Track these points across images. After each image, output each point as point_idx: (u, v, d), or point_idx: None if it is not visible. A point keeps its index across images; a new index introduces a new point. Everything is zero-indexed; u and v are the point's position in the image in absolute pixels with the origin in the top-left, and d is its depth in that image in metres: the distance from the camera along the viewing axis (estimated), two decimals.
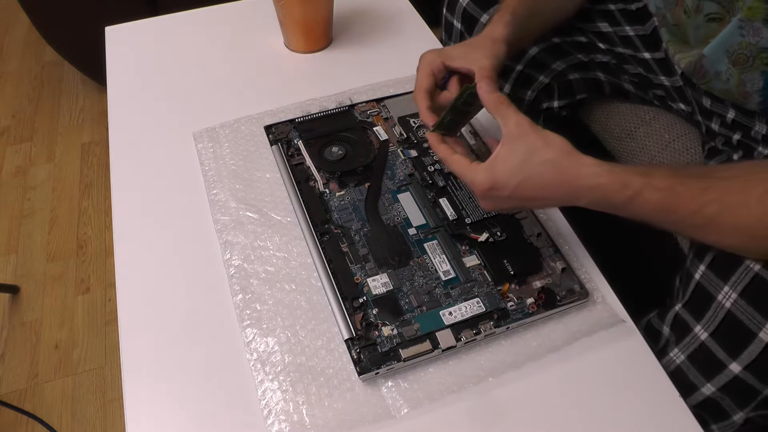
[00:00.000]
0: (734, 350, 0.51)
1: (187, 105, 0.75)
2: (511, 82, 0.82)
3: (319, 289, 0.56)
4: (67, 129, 1.69)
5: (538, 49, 0.79)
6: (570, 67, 0.79)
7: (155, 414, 0.49)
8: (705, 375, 0.53)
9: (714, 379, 0.53)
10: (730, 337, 0.51)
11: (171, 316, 0.55)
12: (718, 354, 0.52)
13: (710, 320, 0.52)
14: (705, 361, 0.53)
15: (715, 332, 0.52)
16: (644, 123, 0.80)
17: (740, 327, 0.50)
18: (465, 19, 0.82)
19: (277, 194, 0.64)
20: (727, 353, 0.51)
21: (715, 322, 0.52)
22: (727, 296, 0.51)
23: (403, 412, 0.49)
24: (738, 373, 0.51)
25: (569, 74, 0.79)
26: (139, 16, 0.88)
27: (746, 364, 0.50)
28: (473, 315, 0.53)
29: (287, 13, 0.79)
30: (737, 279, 0.50)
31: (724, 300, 0.51)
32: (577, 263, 0.58)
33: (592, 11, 0.76)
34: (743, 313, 0.50)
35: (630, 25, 0.74)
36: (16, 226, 1.46)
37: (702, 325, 0.53)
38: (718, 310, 0.51)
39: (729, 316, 0.51)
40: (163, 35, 0.86)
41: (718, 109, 0.66)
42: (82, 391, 1.17)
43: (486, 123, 0.72)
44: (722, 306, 0.51)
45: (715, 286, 0.52)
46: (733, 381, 0.51)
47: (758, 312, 0.49)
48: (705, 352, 0.53)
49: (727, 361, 0.51)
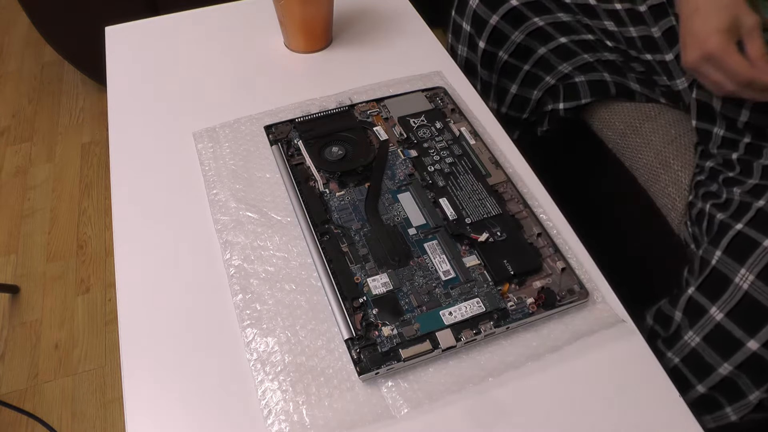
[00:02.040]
0: (752, 329, 0.51)
1: (187, 105, 0.75)
2: (518, 82, 0.83)
3: (319, 289, 0.56)
4: (67, 129, 1.70)
5: (545, 50, 0.79)
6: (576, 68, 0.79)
7: (155, 414, 0.49)
8: (721, 354, 0.53)
9: (731, 357, 0.53)
10: (747, 316, 0.52)
11: (171, 316, 0.55)
12: (734, 333, 0.52)
13: (726, 301, 0.52)
14: (721, 340, 0.53)
15: (732, 312, 0.52)
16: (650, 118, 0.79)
17: (758, 306, 0.50)
18: (475, 21, 0.82)
19: (277, 194, 0.64)
20: (745, 332, 0.52)
21: (732, 303, 0.52)
22: (744, 278, 0.51)
23: (403, 412, 0.49)
24: (756, 350, 0.51)
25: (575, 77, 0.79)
26: (139, 16, 0.88)
27: (764, 341, 0.51)
28: (473, 315, 0.53)
29: (287, 13, 0.79)
30: (754, 261, 0.51)
31: (741, 282, 0.51)
32: (577, 263, 0.58)
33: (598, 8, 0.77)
34: (761, 294, 0.50)
35: (634, 26, 0.74)
36: (16, 226, 1.46)
37: (717, 306, 0.53)
38: (735, 291, 0.52)
39: (746, 297, 0.51)
40: (163, 35, 0.86)
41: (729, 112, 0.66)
42: (82, 391, 1.17)
43: (485, 122, 0.72)
44: (739, 288, 0.51)
45: (731, 268, 0.52)
46: (750, 358, 0.52)
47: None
48: (721, 331, 0.53)
49: (744, 339, 0.52)
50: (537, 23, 0.78)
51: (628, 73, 0.78)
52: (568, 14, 0.78)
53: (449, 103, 0.73)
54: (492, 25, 0.80)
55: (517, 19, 0.79)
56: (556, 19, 0.78)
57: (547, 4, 0.78)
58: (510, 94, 0.83)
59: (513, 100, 0.84)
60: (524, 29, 0.79)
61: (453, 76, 0.78)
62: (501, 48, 0.81)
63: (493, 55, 0.82)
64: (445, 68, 0.79)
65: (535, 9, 0.78)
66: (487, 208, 0.61)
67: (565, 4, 0.78)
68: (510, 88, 0.83)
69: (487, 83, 0.77)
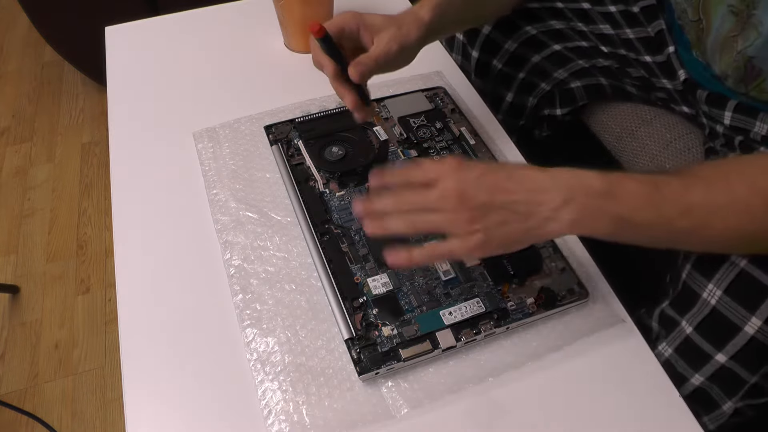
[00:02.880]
0: (719, 342, 0.52)
1: (187, 105, 0.75)
2: (514, 90, 0.83)
3: (319, 289, 0.56)
4: (67, 129, 1.70)
5: (539, 57, 0.79)
6: (571, 74, 0.79)
7: (155, 414, 0.49)
8: (692, 366, 0.54)
9: (701, 369, 0.54)
10: (714, 330, 0.52)
11: (171, 316, 0.55)
12: (703, 346, 0.53)
13: (694, 315, 0.53)
14: (691, 353, 0.54)
15: (700, 326, 0.53)
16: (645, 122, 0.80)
17: (725, 322, 0.51)
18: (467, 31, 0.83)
19: (277, 194, 0.64)
20: (713, 345, 0.52)
21: (699, 317, 0.53)
22: (712, 294, 0.52)
23: (403, 412, 0.49)
24: (724, 363, 0.52)
25: (571, 82, 0.79)
26: (139, 16, 0.88)
27: (732, 355, 0.51)
28: (473, 315, 0.53)
29: (287, 13, 0.79)
30: (721, 276, 0.51)
31: (709, 297, 0.52)
32: (577, 263, 0.58)
33: (593, 12, 0.76)
34: (728, 309, 0.51)
35: (630, 27, 0.74)
36: (16, 226, 1.46)
37: (687, 320, 0.54)
38: (703, 306, 0.52)
39: (714, 312, 0.52)
40: (163, 35, 0.86)
41: (716, 115, 0.66)
42: (82, 391, 1.17)
43: (485, 122, 0.72)
44: (707, 303, 0.52)
45: (699, 284, 0.53)
46: (720, 370, 0.53)
47: (742, 307, 0.50)
48: (691, 344, 0.54)
49: (712, 352, 0.52)
50: (529, 32, 0.79)
51: (624, 79, 0.79)
52: (561, 22, 0.79)
53: (449, 103, 0.73)
54: (485, 35, 0.81)
55: (509, 28, 0.79)
56: (549, 27, 0.79)
57: (539, 12, 0.79)
58: (506, 102, 0.84)
59: (509, 107, 0.84)
60: (516, 38, 0.79)
61: (453, 76, 0.78)
62: (495, 57, 0.81)
63: (486, 64, 0.82)
64: (445, 68, 0.79)
65: (527, 18, 0.79)
66: None
67: (558, 11, 0.79)
68: (506, 96, 0.83)
69: (481, 91, 0.78)
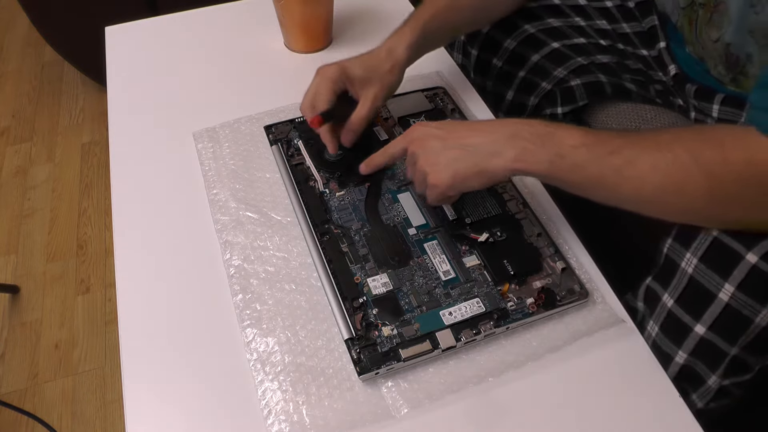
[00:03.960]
0: (697, 312, 0.52)
1: (187, 105, 0.75)
2: (515, 88, 0.83)
3: (319, 289, 0.56)
4: (67, 129, 1.70)
5: (539, 56, 0.79)
6: (571, 72, 0.79)
7: (155, 414, 0.49)
8: (675, 342, 0.55)
9: (683, 344, 0.54)
10: (693, 300, 0.53)
11: (171, 316, 0.55)
12: (683, 318, 0.53)
13: (675, 287, 0.54)
14: (674, 327, 0.54)
15: (680, 298, 0.54)
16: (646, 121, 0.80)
17: (701, 290, 0.52)
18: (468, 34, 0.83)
19: (277, 194, 0.64)
20: (692, 317, 0.53)
21: (680, 288, 0.53)
22: (689, 262, 0.52)
23: (403, 412, 0.49)
24: (703, 335, 0.52)
25: (571, 80, 0.79)
26: (139, 16, 0.88)
27: (709, 325, 0.52)
28: (473, 315, 0.53)
29: (287, 13, 0.79)
30: (697, 245, 0.52)
31: (686, 266, 0.52)
32: (577, 263, 0.58)
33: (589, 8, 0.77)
34: (703, 277, 0.51)
35: (627, 22, 0.75)
36: (16, 226, 1.46)
37: (669, 293, 0.54)
38: (682, 276, 0.53)
39: (691, 282, 0.52)
40: (162, 35, 0.86)
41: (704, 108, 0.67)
42: (82, 391, 1.17)
43: None
44: (685, 272, 0.53)
45: (678, 253, 0.53)
46: (700, 343, 0.53)
47: (717, 274, 0.51)
48: (673, 318, 0.54)
49: (692, 324, 0.53)
50: (528, 30, 0.79)
51: (623, 74, 0.79)
52: (559, 19, 0.79)
53: (449, 103, 0.73)
54: (484, 33, 0.81)
55: (509, 26, 0.80)
56: (547, 25, 0.79)
57: (537, 11, 0.79)
58: (506, 100, 0.84)
59: (510, 106, 0.84)
60: (516, 36, 0.79)
61: (453, 76, 0.78)
62: (495, 55, 0.82)
63: (486, 62, 0.83)
64: (445, 68, 0.79)
65: (525, 16, 0.79)
66: (487, 208, 0.61)
67: (556, 8, 0.79)
68: (506, 94, 0.83)
69: (481, 90, 0.78)
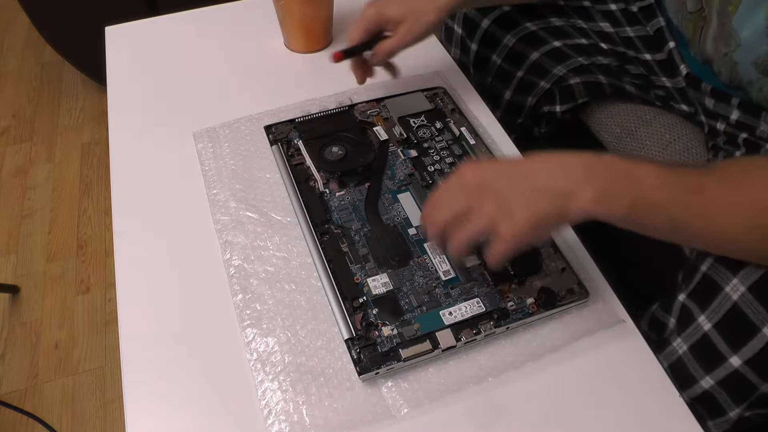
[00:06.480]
0: (736, 343, 0.50)
1: (187, 105, 0.75)
2: (512, 89, 0.83)
3: (319, 289, 0.56)
4: (67, 129, 1.69)
5: (538, 54, 0.79)
6: (570, 71, 0.79)
7: (155, 414, 0.49)
8: (705, 367, 0.53)
9: (713, 372, 0.52)
10: (733, 329, 0.51)
11: (171, 316, 0.55)
12: (719, 346, 0.51)
13: (714, 311, 0.52)
14: (706, 352, 0.53)
15: (719, 323, 0.51)
16: (645, 123, 0.80)
17: (744, 320, 0.50)
18: (466, 25, 0.82)
19: (277, 194, 0.64)
20: (729, 346, 0.51)
21: (720, 313, 0.51)
22: (735, 289, 0.50)
23: (403, 412, 0.49)
24: (738, 367, 0.51)
25: (570, 78, 0.79)
26: (139, 16, 0.88)
27: (747, 359, 0.50)
28: (473, 315, 0.53)
29: (287, 13, 0.79)
30: (747, 273, 0.50)
31: (731, 292, 0.50)
32: (577, 263, 0.58)
33: (593, 10, 0.77)
34: (749, 307, 0.49)
35: (630, 26, 0.74)
36: (16, 226, 1.46)
37: (706, 315, 0.52)
38: (724, 300, 0.51)
39: (735, 310, 0.50)
40: (162, 35, 0.86)
41: (722, 110, 0.66)
42: (82, 391, 1.17)
43: (485, 122, 0.72)
44: (729, 298, 0.51)
45: (723, 277, 0.51)
46: (732, 375, 0.51)
47: (764, 307, 0.49)
48: (707, 342, 0.52)
49: (728, 354, 0.51)
50: (529, 27, 0.79)
51: (624, 77, 0.79)
52: (562, 19, 0.79)
53: (449, 103, 0.73)
54: (483, 29, 0.80)
55: (509, 23, 0.79)
56: (549, 24, 0.79)
57: (540, 9, 0.79)
58: (504, 100, 0.84)
59: (507, 105, 0.84)
60: (516, 33, 0.79)
61: (453, 76, 0.78)
62: (494, 51, 0.81)
63: (485, 58, 0.82)
64: (445, 68, 0.79)
65: (527, 14, 0.79)
66: None
67: (559, 8, 0.79)
68: (504, 94, 0.83)
69: (479, 85, 0.77)
